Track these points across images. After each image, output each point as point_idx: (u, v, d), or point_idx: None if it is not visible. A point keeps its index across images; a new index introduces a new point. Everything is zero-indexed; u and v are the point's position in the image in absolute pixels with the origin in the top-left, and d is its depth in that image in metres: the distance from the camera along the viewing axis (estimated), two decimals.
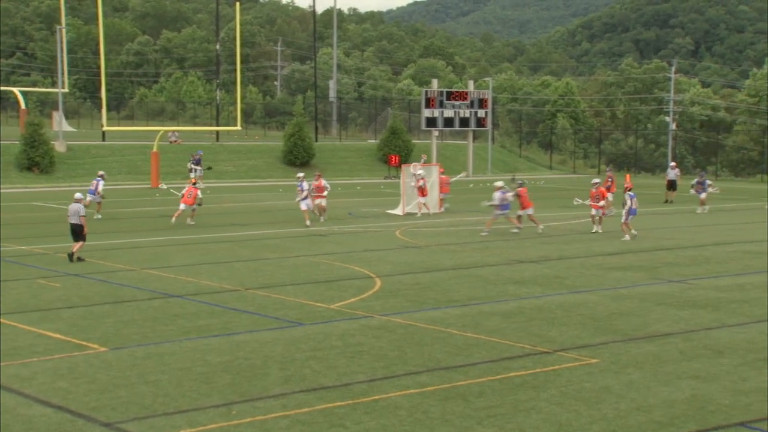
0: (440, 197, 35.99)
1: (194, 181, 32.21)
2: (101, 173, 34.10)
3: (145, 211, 35.81)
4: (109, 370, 12.92)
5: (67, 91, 66.18)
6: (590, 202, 29.85)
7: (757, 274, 21.61)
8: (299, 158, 57.27)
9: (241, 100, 54.49)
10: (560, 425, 10.74)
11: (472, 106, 58.37)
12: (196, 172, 46.90)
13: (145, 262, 22.64)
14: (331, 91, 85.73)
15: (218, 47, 71.98)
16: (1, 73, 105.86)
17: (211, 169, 50.24)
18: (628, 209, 27.47)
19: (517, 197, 29.70)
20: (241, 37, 57.99)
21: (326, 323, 15.94)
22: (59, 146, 51.92)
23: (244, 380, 12.42)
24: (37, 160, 48.91)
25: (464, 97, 58.60)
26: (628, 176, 36.32)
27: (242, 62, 66.91)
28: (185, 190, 31.05)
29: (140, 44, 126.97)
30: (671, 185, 42.76)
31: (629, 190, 28.03)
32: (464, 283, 19.99)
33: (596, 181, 30.89)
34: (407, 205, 34.90)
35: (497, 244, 26.60)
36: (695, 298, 18.50)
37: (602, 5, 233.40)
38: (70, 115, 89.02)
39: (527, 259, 23.61)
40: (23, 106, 64.69)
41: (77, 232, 22.45)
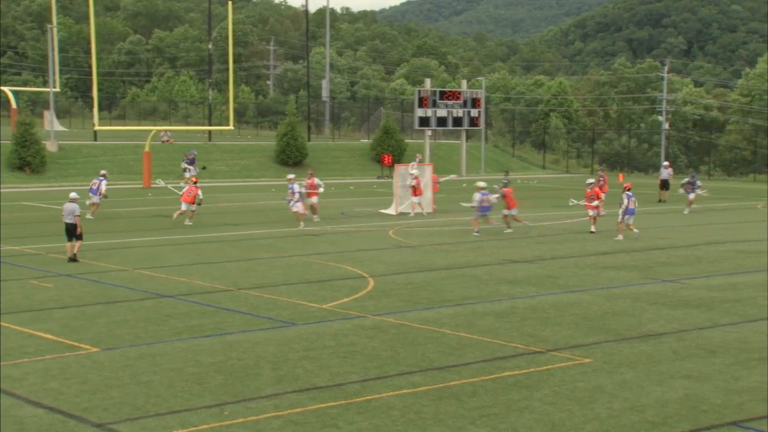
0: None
1: (195, 180, 32.20)
2: (103, 172, 34.14)
3: (137, 211, 35.72)
4: (101, 370, 12.88)
5: (58, 90, 65.92)
6: (585, 202, 29.86)
7: (749, 273, 21.66)
8: (292, 158, 57.22)
9: (233, 99, 54.40)
10: (553, 425, 10.74)
11: (465, 105, 58.34)
12: (189, 171, 46.76)
13: (137, 262, 22.59)
14: (323, 90, 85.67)
15: (210, 46, 71.97)
16: None
17: (205, 168, 50.17)
18: (624, 209, 27.40)
19: (502, 197, 29.69)
20: (233, 36, 57.91)
21: (319, 323, 15.91)
22: (50, 146, 51.77)
23: (236, 380, 12.39)
24: (28, 159, 48.75)
25: (457, 96, 58.57)
26: (621, 176, 36.38)
27: (234, 61, 66.78)
28: (185, 188, 31.09)
29: (132, 43, 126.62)
30: (664, 185, 42.80)
31: (628, 189, 27.95)
32: (457, 282, 19.98)
33: (590, 181, 30.89)
34: (400, 204, 34.89)
35: (490, 243, 26.60)
36: (688, 297, 18.53)
37: (595, 4, 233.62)
38: (61, 114, 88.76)
39: (520, 258, 23.62)
40: (14, 105, 64.43)
41: (71, 231, 22.39)
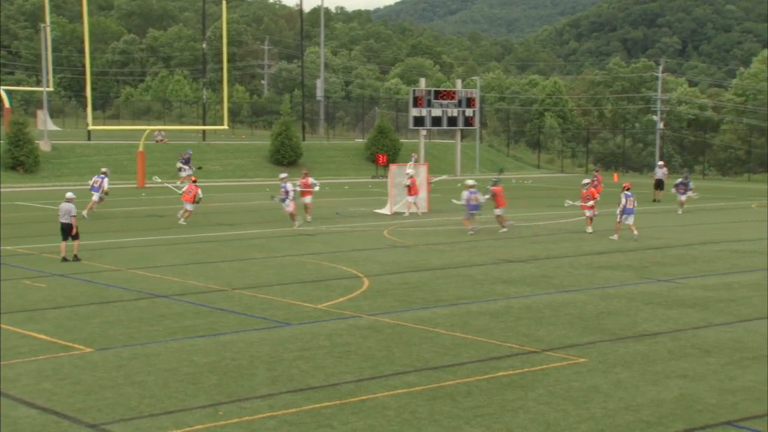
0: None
1: (194, 179, 32.26)
2: (104, 170, 34.08)
3: (131, 210, 35.65)
4: (94, 371, 12.83)
5: (52, 89, 65.75)
6: (580, 202, 29.83)
7: (744, 273, 21.68)
8: (286, 157, 57.12)
9: (227, 99, 54.38)
10: (548, 425, 10.72)
11: (459, 105, 58.34)
12: (185, 171, 46.67)
13: (131, 262, 22.53)
14: (318, 90, 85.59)
15: (205, 46, 71.91)
16: None
17: (201, 168, 50.12)
18: (622, 208, 27.35)
19: (492, 196, 29.67)
20: (227, 35, 57.84)
21: (313, 323, 15.88)
22: (44, 145, 51.63)
23: (230, 381, 12.36)
24: (21, 159, 48.61)
25: (452, 96, 58.56)
26: (615, 175, 36.37)
27: (229, 61, 66.69)
28: (186, 187, 31.14)
29: (126, 43, 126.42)
30: (659, 184, 42.84)
31: (627, 189, 27.88)
32: (452, 282, 19.96)
33: (586, 181, 30.79)
34: (395, 204, 34.85)
35: (485, 243, 26.59)
36: (683, 297, 18.53)
37: (590, 4, 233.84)
38: (55, 114, 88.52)
39: (515, 258, 23.61)
40: (7, 104, 64.27)
41: (67, 231, 22.33)
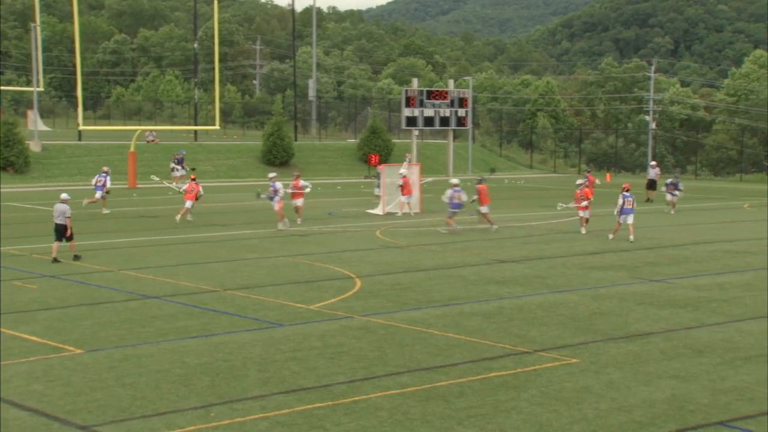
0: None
1: (194, 177, 32.51)
2: (106, 169, 34.96)
3: (122, 211, 35.54)
4: (85, 372, 12.77)
5: (42, 89, 65.54)
6: (574, 204, 29.79)
7: (736, 273, 21.71)
8: (278, 158, 57.06)
9: (219, 99, 54.29)
10: (540, 425, 10.70)
11: (452, 105, 58.36)
12: (177, 171, 46.58)
13: (122, 263, 22.45)
14: (310, 90, 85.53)
15: (196, 46, 71.72)
16: None
17: (195, 170, 50.06)
18: (620, 208, 27.31)
19: (477, 194, 29.65)
20: (219, 35, 57.72)
21: (306, 324, 15.84)
22: (34, 146, 51.47)
23: (222, 382, 12.31)
24: (11, 159, 48.44)
25: (444, 96, 58.58)
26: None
27: (220, 61, 66.67)
28: (186, 186, 31.39)
29: (117, 42, 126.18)
30: (651, 184, 42.88)
31: (626, 190, 27.79)
32: (445, 283, 19.94)
33: (580, 182, 30.74)
34: (387, 204, 34.81)
35: (478, 244, 26.58)
36: (675, 297, 18.54)
37: (582, 4, 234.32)
38: (45, 114, 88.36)
39: (508, 258, 23.60)
40: None
41: (61, 232, 22.25)
